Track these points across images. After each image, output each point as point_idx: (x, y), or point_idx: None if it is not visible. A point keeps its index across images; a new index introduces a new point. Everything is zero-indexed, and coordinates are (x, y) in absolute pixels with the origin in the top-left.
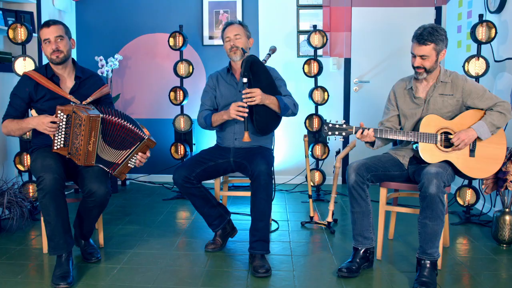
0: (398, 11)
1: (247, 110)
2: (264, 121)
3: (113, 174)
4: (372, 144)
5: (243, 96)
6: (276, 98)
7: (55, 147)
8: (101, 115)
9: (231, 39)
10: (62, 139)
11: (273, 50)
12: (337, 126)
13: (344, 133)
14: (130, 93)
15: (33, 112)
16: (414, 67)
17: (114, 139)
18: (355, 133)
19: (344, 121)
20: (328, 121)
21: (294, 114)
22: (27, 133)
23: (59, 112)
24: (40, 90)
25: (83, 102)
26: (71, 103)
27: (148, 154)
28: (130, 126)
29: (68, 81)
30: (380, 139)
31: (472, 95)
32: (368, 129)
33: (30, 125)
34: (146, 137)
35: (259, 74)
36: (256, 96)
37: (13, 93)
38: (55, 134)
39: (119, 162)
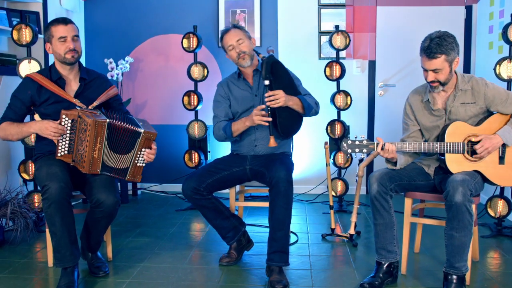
0: (426, 11)
1: (270, 119)
2: (288, 123)
3: (126, 179)
4: (394, 163)
5: (266, 100)
6: (299, 98)
7: (59, 154)
8: (107, 120)
9: (234, 46)
10: (67, 145)
11: (271, 50)
12: (357, 142)
13: (365, 150)
14: (142, 98)
15: (36, 116)
16: (428, 82)
17: (119, 144)
18: (380, 148)
19: (363, 136)
20: (347, 136)
21: (316, 113)
22: (32, 139)
23: (63, 116)
24: (43, 93)
25: (89, 107)
26: (77, 107)
27: (154, 146)
28: (130, 127)
29: (73, 84)
30: (403, 155)
31: (496, 101)
32: (390, 143)
33: (32, 130)
34: (142, 131)
35: (279, 74)
36: (280, 98)
37: (13, 95)
38: (59, 140)
39: (127, 166)
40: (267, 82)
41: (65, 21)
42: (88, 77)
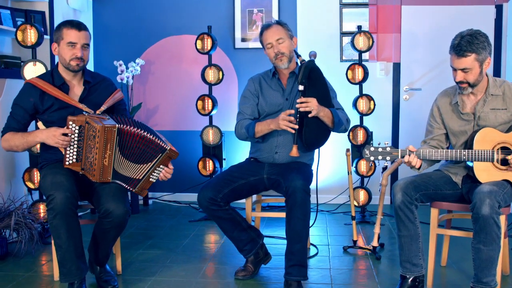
0: (453, 10)
1: (296, 126)
2: (314, 135)
3: (133, 191)
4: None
5: (298, 105)
6: (331, 111)
7: (67, 163)
8: (117, 125)
9: (273, 45)
10: (75, 153)
11: (313, 55)
12: (380, 149)
13: (388, 158)
14: (153, 102)
15: (40, 124)
16: (456, 82)
17: (132, 151)
18: (402, 157)
19: (387, 142)
20: (370, 142)
21: (346, 130)
22: (37, 146)
23: (70, 123)
24: (46, 100)
25: (97, 111)
26: (84, 112)
27: (171, 166)
28: (150, 136)
29: (77, 88)
30: (425, 161)
31: None
32: (415, 155)
33: (38, 139)
34: (168, 148)
35: (316, 82)
36: (312, 106)
37: (14, 103)
38: (66, 148)
39: (140, 178)
40: (301, 87)
41: (79, 26)
42: (93, 80)
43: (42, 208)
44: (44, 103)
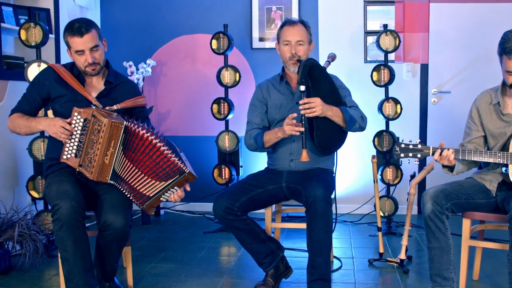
0: (485, 8)
1: (302, 129)
2: (326, 137)
3: (141, 207)
4: (451, 169)
5: (301, 107)
6: (340, 109)
7: (64, 157)
8: (124, 122)
9: (292, 45)
10: (75, 147)
11: (332, 57)
12: (411, 146)
13: (419, 155)
14: (165, 106)
15: (49, 113)
16: (509, 86)
17: (141, 158)
18: (433, 154)
19: (419, 140)
20: (400, 140)
21: (362, 128)
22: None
23: (75, 114)
24: (60, 88)
25: (107, 108)
26: (92, 106)
27: (188, 187)
28: (165, 149)
29: (96, 85)
30: (461, 163)
31: None
32: (448, 149)
33: (40, 126)
34: (187, 171)
35: (319, 81)
36: (316, 106)
37: (30, 84)
38: (67, 141)
39: (151, 195)
40: (302, 88)
41: (80, 31)
42: (115, 81)
43: (47, 218)
44: (57, 89)
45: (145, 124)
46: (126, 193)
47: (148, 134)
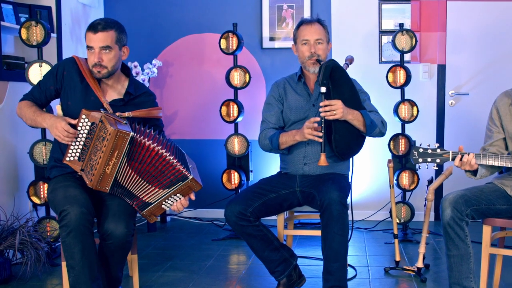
0: (505, 6)
1: (321, 133)
2: (345, 141)
3: (140, 213)
4: (474, 173)
5: (321, 109)
6: (361, 113)
7: (68, 158)
8: (131, 133)
9: (311, 44)
10: (79, 150)
11: (350, 60)
12: (429, 151)
13: (438, 160)
14: (172, 108)
15: (58, 108)
16: None
17: (146, 168)
18: (452, 159)
19: (437, 144)
20: (418, 144)
21: (382, 134)
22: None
23: (83, 116)
24: (76, 82)
25: (117, 114)
26: (101, 110)
27: (193, 196)
28: (171, 158)
29: (112, 93)
30: (484, 166)
31: None
32: (468, 154)
33: (44, 124)
34: (190, 177)
35: (340, 83)
36: (337, 109)
37: (48, 72)
38: (71, 143)
39: (150, 201)
40: (323, 89)
41: (95, 28)
42: (135, 93)
43: (49, 225)
44: (72, 82)
45: (151, 131)
46: (126, 199)
47: (155, 145)
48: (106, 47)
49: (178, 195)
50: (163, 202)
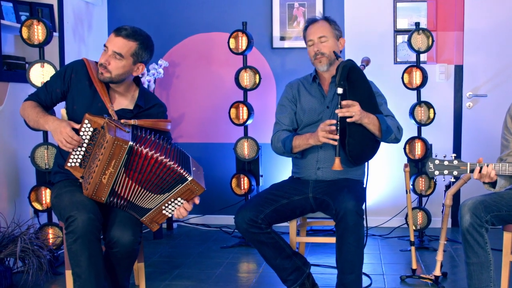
0: None
1: (337, 136)
2: (359, 146)
3: (140, 220)
4: (493, 184)
5: (338, 111)
6: (377, 118)
7: (69, 164)
8: (129, 143)
9: (314, 42)
10: (81, 156)
11: (366, 61)
12: (446, 162)
13: (455, 172)
14: (178, 110)
15: (63, 111)
16: None
17: (146, 178)
18: (471, 171)
19: (454, 155)
20: (434, 155)
21: (397, 140)
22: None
23: (86, 121)
24: (84, 85)
25: (122, 121)
26: (105, 116)
27: (197, 201)
28: (171, 163)
29: (121, 101)
30: (503, 178)
31: None
32: (487, 165)
33: (47, 127)
34: (190, 179)
35: (357, 84)
36: (355, 111)
37: (55, 74)
38: (74, 149)
39: (148, 207)
40: (340, 90)
41: (119, 30)
42: (145, 105)
43: (51, 232)
44: (80, 85)
45: (152, 136)
46: (123, 209)
47: (153, 152)
48: (119, 54)
49: (179, 199)
50: (164, 208)
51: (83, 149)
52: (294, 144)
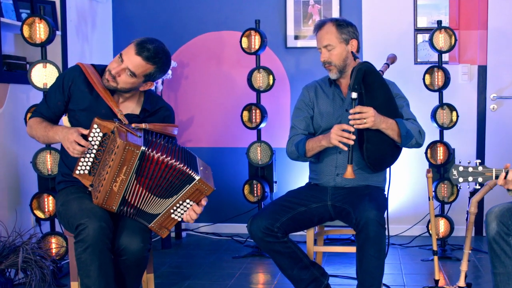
0: None
1: (353, 136)
2: (378, 152)
3: (148, 226)
4: None
5: (350, 117)
6: (396, 122)
7: (77, 172)
8: (142, 148)
9: (322, 51)
10: (90, 163)
11: (392, 59)
12: (470, 169)
13: (480, 179)
14: (187, 113)
15: (65, 120)
16: None
17: (157, 183)
18: (496, 177)
19: (479, 161)
20: (458, 162)
21: (419, 145)
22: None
23: (95, 126)
24: (84, 92)
25: (133, 125)
26: (115, 120)
27: (204, 203)
28: (177, 164)
29: (127, 104)
30: None
31: None
32: None
33: (57, 137)
34: (197, 178)
35: (374, 88)
36: (368, 117)
37: (52, 86)
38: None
39: (156, 212)
40: (354, 95)
41: (141, 49)
42: (151, 108)
43: (54, 242)
44: (80, 93)
45: (161, 140)
46: (132, 217)
47: (164, 156)
48: (133, 72)
49: (188, 201)
50: (172, 211)
51: (92, 155)
52: (308, 147)
